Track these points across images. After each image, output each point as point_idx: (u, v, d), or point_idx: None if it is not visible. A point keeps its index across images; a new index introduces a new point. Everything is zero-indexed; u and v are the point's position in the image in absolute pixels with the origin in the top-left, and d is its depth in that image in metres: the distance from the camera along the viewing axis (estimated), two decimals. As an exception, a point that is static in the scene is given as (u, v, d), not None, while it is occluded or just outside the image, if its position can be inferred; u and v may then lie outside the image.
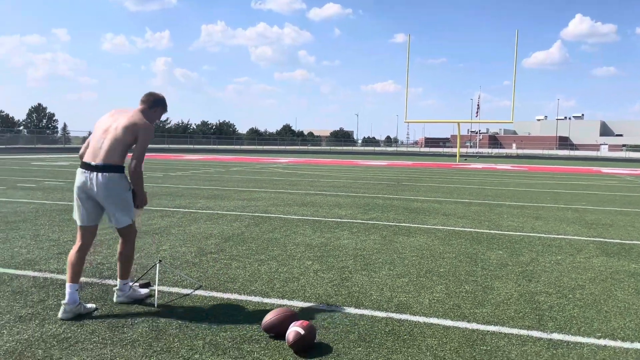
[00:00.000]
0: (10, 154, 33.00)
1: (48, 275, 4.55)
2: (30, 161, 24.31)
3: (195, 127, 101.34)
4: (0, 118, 75.38)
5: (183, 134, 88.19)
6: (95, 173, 3.63)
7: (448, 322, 3.64)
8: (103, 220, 3.85)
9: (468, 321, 3.67)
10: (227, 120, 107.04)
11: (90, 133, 3.82)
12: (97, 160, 3.64)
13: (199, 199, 10.35)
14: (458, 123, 38.22)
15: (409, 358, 3.03)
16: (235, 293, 4.19)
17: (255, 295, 4.14)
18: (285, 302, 4.00)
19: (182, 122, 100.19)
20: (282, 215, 8.41)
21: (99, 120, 3.86)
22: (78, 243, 3.72)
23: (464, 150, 77.60)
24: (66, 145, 58.02)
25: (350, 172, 21.20)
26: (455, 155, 48.06)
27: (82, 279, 4.35)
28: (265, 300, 4.04)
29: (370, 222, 7.98)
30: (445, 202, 10.99)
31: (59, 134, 74.52)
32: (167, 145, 67.33)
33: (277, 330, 3.27)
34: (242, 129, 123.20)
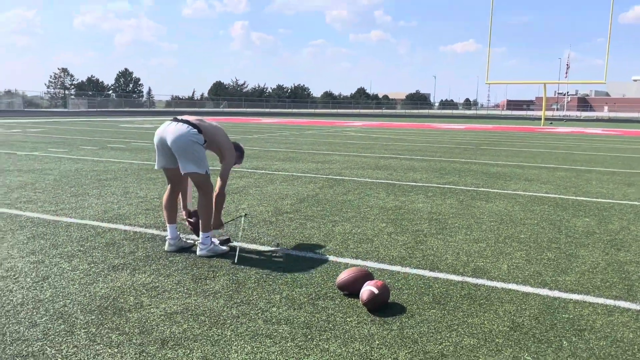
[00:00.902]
0: (101, 117, 35.15)
1: (137, 229, 4.86)
2: (118, 123, 25.79)
3: (271, 91, 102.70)
4: (92, 83, 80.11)
5: (259, 98, 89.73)
6: (175, 122, 4.04)
7: (528, 289, 3.52)
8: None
9: (549, 289, 3.53)
10: (301, 84, 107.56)
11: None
12: (186, 118, 4.10)
13: (275, 161, 10.56)
14: (544, 84, 36.07)
15: (485, 322, 2.98)
16: (310, 252, 4.28)
17: (329, 255, 4.21)
18: (359, 262, 4.04)
19: (259, 86, 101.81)
20: (355, 178, 8.41)
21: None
22: (167, 188, 4.26)
23: (549, 113, 73.36)
24: (151, 109, 60.84)
25: (425, 136, 20.75)
26: (540, 119, 45.63)
27: (166, 234, 4.60)
28: (339, 259, 4.09)
29: (446, 186, 7.81)
30: (528, 167, 10.52)
31: (144, 98, 78.24)
32: (244, 109, 68.84)
33: (351, 289, 3.31)
34: (317, 92, 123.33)
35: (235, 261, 3.96)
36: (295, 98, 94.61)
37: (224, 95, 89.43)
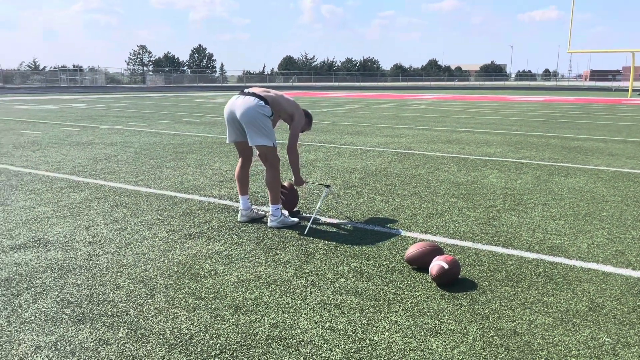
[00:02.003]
0: (177, 92, 36.46)
1: (212, 200, 5.04)
2: (193, 98, 26.66)
3: (339, 64, 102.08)
4: (168, 59, 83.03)
5: (328, 72, 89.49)
6: (242, 95, 4.13)
7: (609, 269, 3.34)
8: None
9: (633, 269, 3.33)
10: (371, 57, 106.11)
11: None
12: (252, 90, 4.17)
13: (343, 135, 10.55)
14: (632, 52, 33.43)
15: (562, 301, 2.86)
16: (378, 225, 4.26)
17: (398, 229, 4.18)
18: (429, 237, 3.98)
19: (327, 60, 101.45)
20: (425, 152, 8.25)
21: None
22: (238, 162, 4.37)
23: (638, 84, 68.11)
24: (223, 84, 62.34)
25: (500, 109, 19.93)
26: (626, 90, 42.53)
27: (239, 205, 4.74)
28: (408, 234, 4.06)
29: (522, 160, 7.49)
30: (612, 141, 9.87)
31: (217, 73, 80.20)
32: (312, 83, 69.00)
33: (420, 263, 3.28)
34: (386, 65, 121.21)
35: (305, 233, 4.03)
36: (364, 71, 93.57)
37: (294, 69, 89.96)
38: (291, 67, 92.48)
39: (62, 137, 9.64)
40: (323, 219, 4.43)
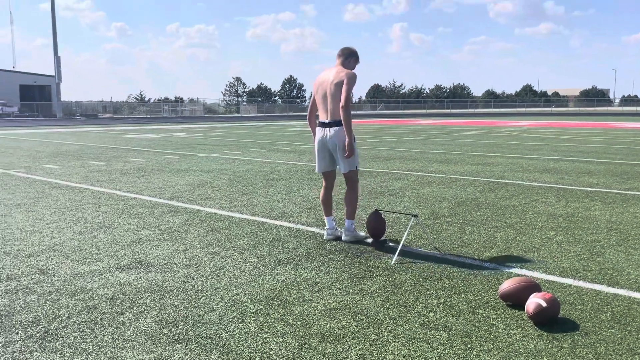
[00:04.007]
0: (268, 121, 37.86)
1: (300, 226, 5.14)
2: (284, 127, 27.53)
3: (428, 91, 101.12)
4: (261, 90, 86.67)
5: (416, 99, 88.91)
6: (328, 128, 4.47)
7: None
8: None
9: None
10: (461, 83, 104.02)
11: (312, 94, 4.54)
12: (328, 119, 4.46)
13: (432, 163, 10.37)
14: None
15: (679, 351, 2.58)
16: (469, 258, 4.12)
17: (490, 262, 4.00)
18: (524, 272, 3.78)
19: (416, 87, 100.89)
20: (520, 182, 7.89)
21: (315, 83, 4.58)
22: (323, 185, 4.72)
23: None
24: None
25: (603, 136, 18.68)
26: None
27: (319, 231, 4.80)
28: (501, 268, 3.87)
29: (629, 192, 6.94)
30: None
31: (306, 102, 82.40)
32: (401, 111, 68.83)
33: (515, 299, 3.11)
34: (477, 91, 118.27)
35: (393, 263, 3.98)
36: (454, 98, 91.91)
37: (381, 97, 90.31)
38: (379, 95, 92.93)
39: (163, 164, 10.32)
40: (411, 249, 4.36)
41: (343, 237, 4.56)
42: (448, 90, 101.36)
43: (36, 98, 53.12)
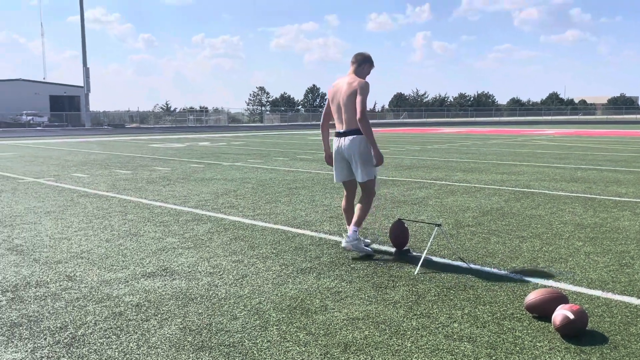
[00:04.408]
0: (291, 130, 38.04)
1: (322, 235, 5.14)
2: (306, 136, 27.63)
3: (452, 100, 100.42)
4: (284, 99, 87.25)
5: (440, 108, 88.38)
6: (344, 138, 4.46)
7: None
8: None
9: None
10: (485, 91, 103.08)
11: (327, 101, 4.56)
12: (344, 128, 4.46)
13: (456, 172, 10.28)
14: None
15: None
16: (494, 268, 4.06)
17: (516, 273, 3.94)
18: (551, 283, 3.71)
19: (439, 96, 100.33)
20: (546, 191, 7.76)
21: (330, 92, 4.57)
22: (345, 194, 4.69)
23: None
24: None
25: (633, 144, 18.26)
26: None
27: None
28: (528, 279, 3.81)
29: (660, 202, 6.76)
30: None
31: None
32: (424, 120, 68.47)
33: (541, 311, 3.06)
34: (502, 99, 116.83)
35: (416, 272, 3.95)
36: (478, 106, 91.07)
37: (404, 106, 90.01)
38: (402, 104, 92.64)
39: (188, 173, 10.45)
40: (434, 259, 4.32)
41: (343, 243, 4.38)
42: (472, 99, 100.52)
43: (65, 108, 54.55)
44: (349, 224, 4.62)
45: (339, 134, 4.50)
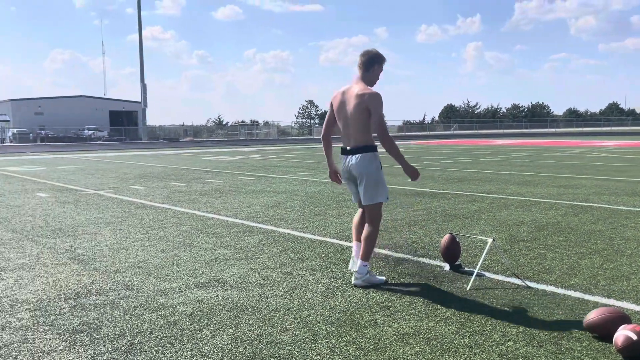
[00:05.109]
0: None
1: (371, 249, 5.11)
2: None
3: (505, 111, 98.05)
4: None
5: (492, 119, 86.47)
6: (350, 156, 4.03)
7: None
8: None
9: None
10: (540, 102, 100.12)
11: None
12: (350, 145, 4.03)
13: (509, 185, 10.00)
14: None
15: None
16: (551, 285, 3.92)
17: (574, 290, 3.79)
18: (612, 302, 3.54)
19: (492, 107, 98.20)
20: (606, 205, 7.43)
21: (335, 101, 4.10)
22: (359, 211, 4.23)
23: None
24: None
25: (702, 156, 17.23)
26: None
27: (399, 255, 4.74)
28: (587, 297, 3.65)
29: None
30: None
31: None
32: (476, 131, 67.16)
33: (602, 331, 2.92)
34: (558, 110, 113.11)
35: (468, 288, 3.86)
36: (532, 117, 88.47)
37: (455, 117, 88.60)
38: (452, 115, 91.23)
39: (239, 186, 10.66)
40: (487, 274, 4.21)
41: (353, 281, 3.96)
42: (526, 110, 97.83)
43: (124, 123, 56.96)
44: (356, 240, 4.16)
45: (345, 152, 4.07)
